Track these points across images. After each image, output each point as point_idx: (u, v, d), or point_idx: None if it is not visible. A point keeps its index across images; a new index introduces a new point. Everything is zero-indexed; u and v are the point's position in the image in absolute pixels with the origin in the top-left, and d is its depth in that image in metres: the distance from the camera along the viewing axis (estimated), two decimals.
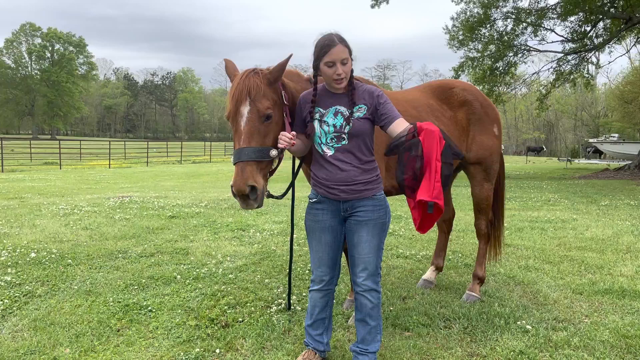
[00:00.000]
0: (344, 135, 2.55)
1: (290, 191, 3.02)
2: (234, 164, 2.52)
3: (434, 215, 2.39)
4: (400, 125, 2.51)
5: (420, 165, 2.32)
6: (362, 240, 2.60)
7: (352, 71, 2.61)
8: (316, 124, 2.60)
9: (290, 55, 2.57)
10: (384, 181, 3.19)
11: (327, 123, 2.58)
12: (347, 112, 2.57)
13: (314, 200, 2.71)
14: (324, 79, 2.62)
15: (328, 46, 2.49)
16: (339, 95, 2.62)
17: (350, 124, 2.54)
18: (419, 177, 2.35)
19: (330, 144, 2.58)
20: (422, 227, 2.49)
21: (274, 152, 2.54)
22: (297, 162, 3.01)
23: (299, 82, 2.88)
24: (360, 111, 2.57)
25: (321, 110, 2.61)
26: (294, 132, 2.51)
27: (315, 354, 2.82)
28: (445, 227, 4.45)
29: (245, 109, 2.51)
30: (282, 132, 2.49)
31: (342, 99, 2.61)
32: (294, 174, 2.98)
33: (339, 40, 2.50)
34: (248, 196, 2.48)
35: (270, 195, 2.71)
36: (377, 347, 2.70)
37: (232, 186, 2.49)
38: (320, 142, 2.61)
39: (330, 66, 2.50)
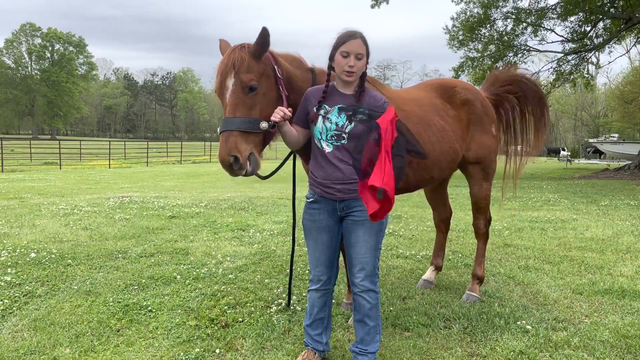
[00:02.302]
0: (344, 135, 2.57)
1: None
2: (220, 133, 2.53)
3: (385, 205, 2.31)
4: None
5: (378, 150, 2.29)
6: (359, 240, 2.60)
7: (365, 74, 2.64)
8: (320, 119, 2.63)
9: (264, 28, 2.54)
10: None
11: (330, 120, 2.60)
12: (350, 112, 2.59)
13: (310, 199, 2.72)
14: (335, 71, 2.63)
15: (348, 36, 2.55)
16: (347, 96, 2.65)
17: (352, 125, 2.56)
18: (374, 163, 2.31)
19: (330, 141, 2.60)
20: (375, 216, 2.36)
21: (264, 125, 2.53)
22: (296, 160, 3.04)
23: (299, 67, 2.90)
24: (364, 114, 2.58)
25: (327, 107, 2.64)
26: (290, 109, 2.55)
27: (315, 353, 2.82)
28: (443, 226, 4.45)
29: (230, 82, 2.55)
30: (279, 107, 2.51)
31: (349, 99, 2.63)
32: (294, 164, 3.06)
33: (360, 36, 2.56)
34: (232, 166, 2.49)
35: (256, 173, 2.63)
36: (376, 347, 2.70)
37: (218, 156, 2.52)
38: (320, 137, 2.63)
39: (344, 56, 2.54)
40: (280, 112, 2.47)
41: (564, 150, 45.88)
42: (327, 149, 2.60)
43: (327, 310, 2.82)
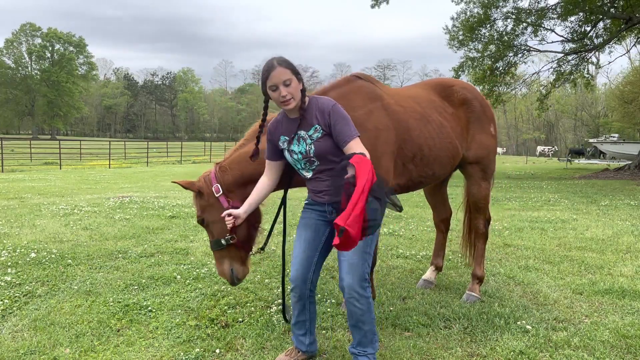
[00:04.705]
0: (313, 159, 2.59)
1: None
2: None
3: (346, 242, 2.21)
4: (353, 148, 2.47)
5: (352, 191, 2.21)
6: None
7: (304, 90, 2.59)
8: (286, 154, 2.69)
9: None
10: (390, 180, 3.19)
11: (294, 151, 2.64)
12: (306, 135, 2.58)
13: (306, 202, 2.82)
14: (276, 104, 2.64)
15: (267, 70, 2.51)
16: (294, 119, 2.62)
17: (313, 147, 2.56)
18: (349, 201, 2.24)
19: (307, 168, 2.65)
20: (341, 245, 2.24)
21: (223, 242, 3.01)
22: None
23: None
24: (317, 131, 2.56)
25: (287, 138, 2.66)
26: (229, 213, 2.74)
27: (299, 352, 2.85)
28: (443, 226, 4.45)
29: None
30: (224, 214, 2.76)
31: (302, 123, 2.60)
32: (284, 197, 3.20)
33: (278, 63, 2.50)
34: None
35: (258, 250, 3.20)
36: (375, 347, 2.70)
37: None
38: (298, 168, 2.70)
39: (274, 90, 2.52)
40: (229, 221, 2.72)
41: (587, 151, 45.37)
42: (308, 175, 2.67)
43: (307, 314, 2.79)
